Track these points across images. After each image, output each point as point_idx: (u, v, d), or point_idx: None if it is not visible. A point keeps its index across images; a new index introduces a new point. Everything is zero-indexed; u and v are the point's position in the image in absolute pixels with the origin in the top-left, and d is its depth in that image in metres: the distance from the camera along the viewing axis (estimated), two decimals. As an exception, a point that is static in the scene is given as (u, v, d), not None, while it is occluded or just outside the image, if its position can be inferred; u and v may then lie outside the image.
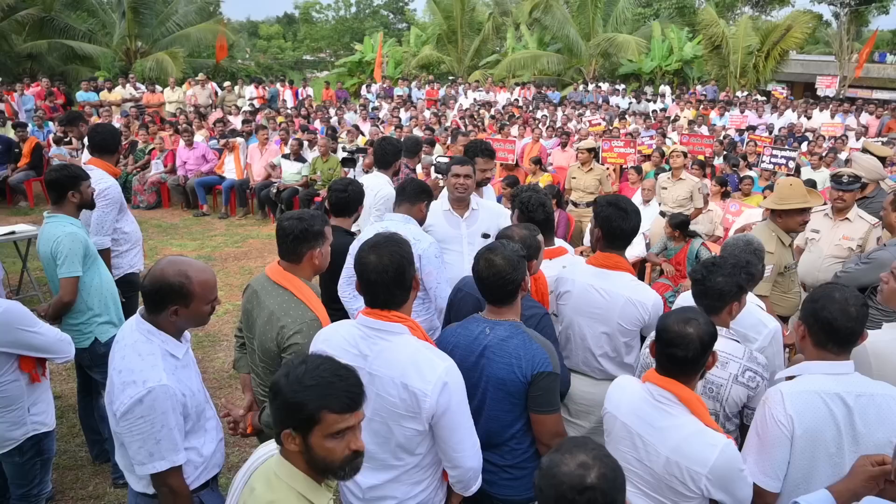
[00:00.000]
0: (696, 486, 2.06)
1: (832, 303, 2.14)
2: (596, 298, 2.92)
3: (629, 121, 14.13)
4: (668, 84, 23.18)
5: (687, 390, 2.12)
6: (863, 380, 2.15)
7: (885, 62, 29.47)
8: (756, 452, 2.18)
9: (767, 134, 13.15)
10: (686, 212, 6.91)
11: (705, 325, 2.09)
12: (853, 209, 4.48)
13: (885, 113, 15.67)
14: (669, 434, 2.09)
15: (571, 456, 1.47)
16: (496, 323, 2.39)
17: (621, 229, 2.88)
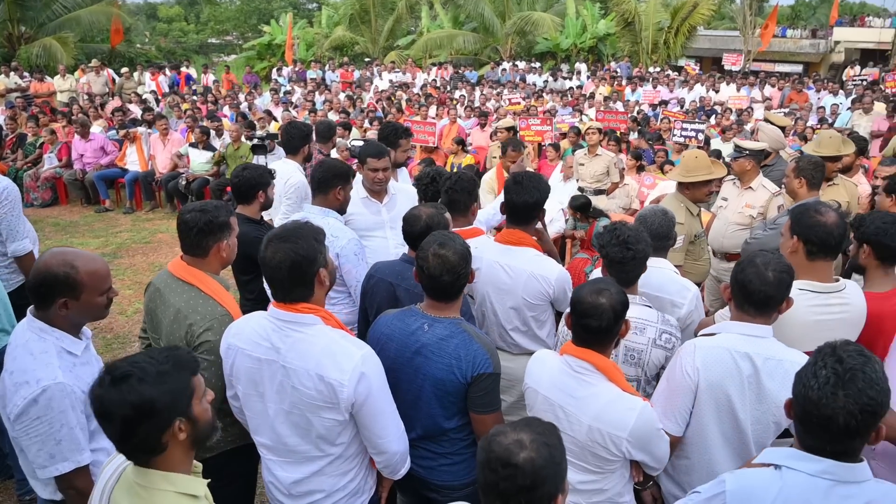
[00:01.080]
0: (617, 449, 2.15)
1: (751, 266, 2.26)
2: (501, 275, 2.99)
3: (547, 99, 14.41)
4: (583, 61, 23.77)
5: (603, 358, 2.20)
6: (777, 346, 2.27)
7: (786, 37, 31.34)
8: (663, 398, 2.34)
9: (679, 108, 13.74)
10: (603, 186, 7.16)
11: (617, 294, 2.17)
12: (757, 178, 4.73)
13: (787, 85, 16.66)
14: (590, 402, 2.17)
15: (515, 431, 1.51)
16: (436, 320, 2.36)
17: (517, 203, 2.95)
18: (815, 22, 35.18)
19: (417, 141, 9.29)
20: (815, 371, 1.59)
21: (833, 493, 1.58)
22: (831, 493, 1.58)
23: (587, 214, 6.30)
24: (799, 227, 2.65)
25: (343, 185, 3.47)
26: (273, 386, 2.16)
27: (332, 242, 3.27)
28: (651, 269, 2.87)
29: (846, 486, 1.59)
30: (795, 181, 4.16)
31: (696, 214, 4.18)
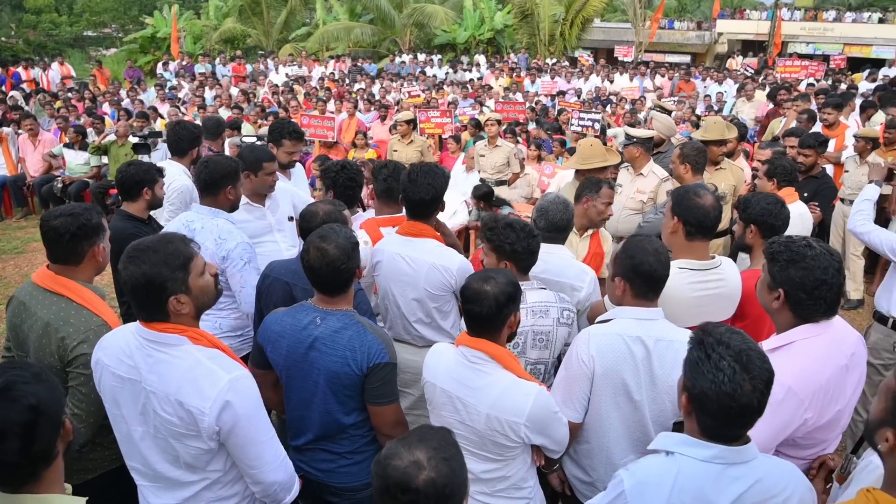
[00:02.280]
0: (516, 435, 2.20)
1: (648, 255, 2.34)
2: (403, 266, 3.00)
3: (447, 91, 14.53)
4: (482, 53, 24.15)
5: (496, 347, 2.23)
6: (667, 326, 2.38)
7: (674, 29, 33.15)
8: (562, 387, 2.41)
9: (576, 98, 14.25)
10: (504, 177, 7.32)
11: (504, 284, 2.19)
12: (648, 165, 4.98)
13: (676, 75, 17.65)
14: (486, 391, 2.20)
15: (409, 451, 1.46)
16: (327, 313, 2.34)
17: (413, 200, 2.99)
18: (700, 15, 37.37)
19: (316, 136, 9.13)
20: (716, 363, 1.64)
21: (724, 477, 1.67)
22: (723, 477, 1.67)
23: (490, 203, 6.44)
24: (679, 208, 2.80)
25: (233, 183, 3.34)
26: (136, 408, 2.04)
27: (220, 245, 3.19)
28: (551, 256, 2.99)
29: (736, 467, 1.68)
30: (681, 167, 4.43)
31: None
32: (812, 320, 2.15)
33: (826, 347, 2.14)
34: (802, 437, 2.17)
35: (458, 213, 6.62)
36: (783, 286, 2.15)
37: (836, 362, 2.14)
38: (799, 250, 2.14)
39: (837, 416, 2.21)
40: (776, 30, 23.01)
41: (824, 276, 2.09)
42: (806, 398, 2.08)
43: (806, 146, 5.47)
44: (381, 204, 3.43)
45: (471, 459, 2.30)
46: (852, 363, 2.20)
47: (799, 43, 30.15)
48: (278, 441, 2.14)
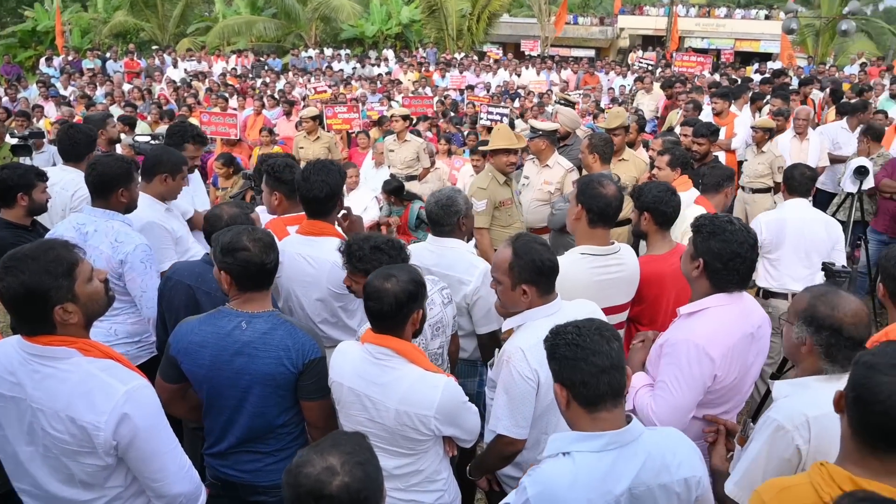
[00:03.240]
0: (427, 428, 2.21)
1: (542, 252, 2.38)
2: (304, 266, 2.96)
3: (356, 86, 14.41)
4: (391, 48, 24.10)
5: (402, 342, 2.24)
6: (570, 309, 2.44)
7: (578, 24, 34.25)
8: (507, 407, 2.35)
9: (486, 92, 14.46)
10: (414, 172, 7.33)
11: (405, 283, 2.20)
12: (553, 156, 5.14)
13: (580, 69, 18.25)
14: (394, 387, 2.21)
15: (322, 457, 1.42)
16: (252, 316, 2.31)
17: (308, 198, 2.97)
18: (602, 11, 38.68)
19: (217, 134, 8.83)
20: (569, 340, 1.76)
21: (620, 460, 1.73)
22: (618, 461, 1.73)
23: (401, 198, 6.44)
24: (583, 196, 2.91)
25: (126, 185, 3.19)
26: (22, 427, 1.92)
27: (117, 248, 3.06)
28: (445, 249, 3.05)
29: (628, 447, 1.75)
30: (590, 156, 4.63)
31: (502, 183, 4.55)
32: (726, 290, 2.37)
33: (736, 315, 2.38)
34: (712, 394, 2.38)
35: (369, 209, 6.59)
36: (703, 256, 2.36)
37: (744, 330, 2.38)
38: (720, 224, 2.37)
39: (742, 378, 2.43)
40: (673, 25, 24.18)
41: (740, 250, 2.32)
42: (717, 357, 2.30)
43: (699, 135, 5.78)
44: (289, 203, 3.36)
45: (383, 456, 2.28)
46: (758, 335, 2.45)
47: (694, 38, 31.83)
48: (182, 451, 2.07)
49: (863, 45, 24.03)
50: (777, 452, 1.88)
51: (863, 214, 6.00)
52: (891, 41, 23.76)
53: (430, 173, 7.52)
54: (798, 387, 2.00)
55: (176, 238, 3.54)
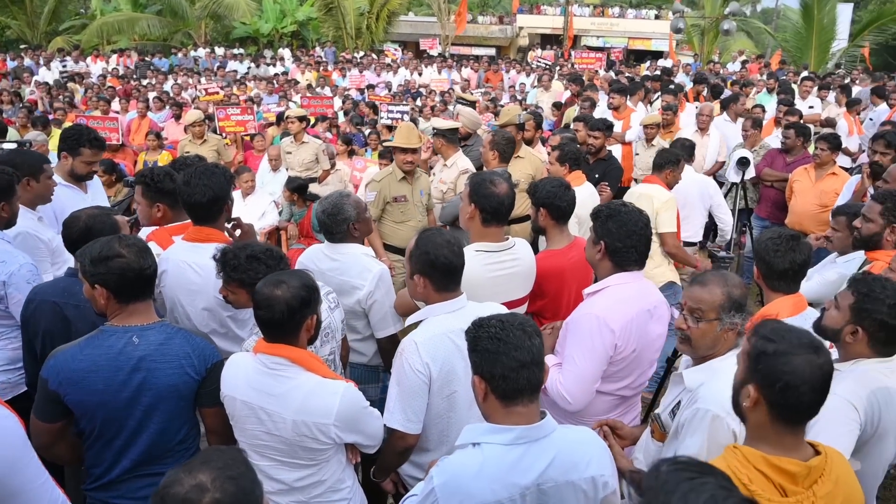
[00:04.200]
0: (327, 437, 2.17)
1: (442, 248, 2.39)
2: (190, 275, 2.85)
3: (251, 86, 14.02)
4: (287, 47, 23.60)
5: (296, 350, 2.19)
6: (475, 308, 2.45)
7: (478, 23, 34.83)
8: (398, 400, 2.37)
9: (387, 91, 14.43)
10: (314, 174, 7.21)
11: (297, 288, 2.15)
12: (454, 156, 5.18)
13: (481, 68, 18.56)
14: (290, 397, 2.15)
15: (190, 475, 1.36)
16: (143, 328, 2.23)
17: (190, 204, 2.88)
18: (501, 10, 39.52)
19: (96, 139, 8.33)
20: (492, 333, 1.78)
21: (528, 455, 1.76)
22: (526, 456, 1.76)
23: (304, 197, 6.31)
24: (476, 196, 2.96)
25: (7, 200, 2.99)
26: None
27: None
28: (340, 255, 3.04)
29: (538, 443, 1.78)
30: (490, 153, 4.72)
31: (400, 179, 4.61)
32: (626, 269, 2.58)
33: (634, 292, 2.60)
34: (615, 366, 2.54)
35: (267, 213, 6.42)
36: (603, 238, 2.58)
37: (642, 306, 2.59)
38: (616, 207, 2.64)
39: (641, 352, 2.59)
40: (569, 24, 25.05)
41: (634, 228, 2.56)
42: (616, 328, 2.47)
43: (595, 129, 6.03)
44: (175, 213, 3.21)
45: (282, 469, 2.25)
46: (656, 313, 2.64)
47: (590, 37, 33.11)
48: (53, 484, 1.92)
49: (743, 44, 25.84)
50: (717, 441, 1.95)
51: (747, 202, 6.44)
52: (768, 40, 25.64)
53: (331, 175, 7.42)
54: (707, 371, 2.12)
55: (51, 249, 3.33)
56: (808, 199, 5.53)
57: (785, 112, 7.61)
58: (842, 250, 3.74)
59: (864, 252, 3.52)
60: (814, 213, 5.43)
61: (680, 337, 2.20)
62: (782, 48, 21.62)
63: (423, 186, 4.86)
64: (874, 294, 2.19)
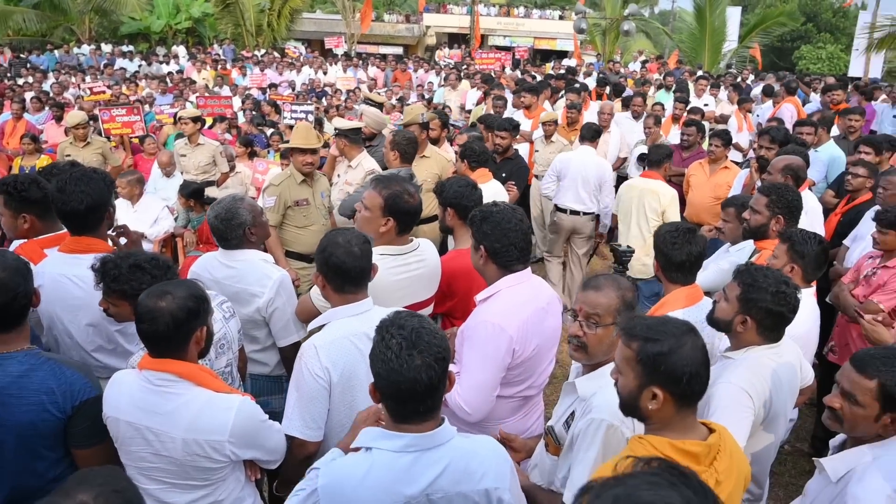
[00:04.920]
0: (221, 454, 2.08)
1: (338, 248, 2.36)
2: (71, 288, 2.67)
3: (142, 85, 13.38)
4: (181, 44, 22.71)
5: (185, 364, 2.09)
6: (379, 312, 2.36)
7: (385, 21, 34.74)
8: (297, 407, 2.31)
9: (291, 91, 14.14)
10: (212, 177, 6.95)
11: (183, 299, 2.06)
12: (359, 156, 5.10)
13: (388, 66, 18.51)
14: (179, 415, 2.05)
15: (69, 497, 1.29)
16: (3, 357, 2.09)
17: (65, 212, 2.72)
18: (407, 8, 39.57)
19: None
20: (387, 343, 1.72)
21: (418, 464, 1.72)
22: (416, 465, 1.72)
23: (202, 202, 6.04)
24: (393, 211, 2.89)
25: None
26: None
27: None
28: (236, 262, 2.94)
29: (431, 452, 1.74)
30: (391, 154, 4.67)
31: (300, 182, 4.49)
32: (512, 269, 2.58)
33: (527, 292, 2.60)
34: (514, 370, 2.53)
35: (161, 220, 6.12)
36: (482, 242, 2.58)
37: (536, 304, 2.59)
38: (487, 209, 2.64)
39: (540, 352, 2.59)
40: (475, 24, 25.41)
41: (509, 226, 2.55)
42: (513, 333, 2.45)
43: (502, 129, 6.13)
44: (44, 224, 2.99)
45: (174, 492, 2.15)
46: (550, 310, 2.65)
47: (497, 36, 33.74)
48: None
49: (643, 44, 27.04)
50: (612, 450, 1.98)
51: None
52: (666, 41, 26.97)
53: (230, 178, 7.17)
54: (600, 378, 2.13)
55: None
56: (704, 193, 5.84)
57: (689, 110, 8.01)
58: (733, 240, 3.96)
59: (754, 241, 3.74)
60: (709, 205, 5.72)
61: (575, 345, 2.18)
62: (679, 49, 22.78)
63: (324, 188, 4.76)
64: (758, 284, 2.32)
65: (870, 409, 1.96)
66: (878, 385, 1.93)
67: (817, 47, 37.29)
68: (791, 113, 8.68)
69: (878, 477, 1.90)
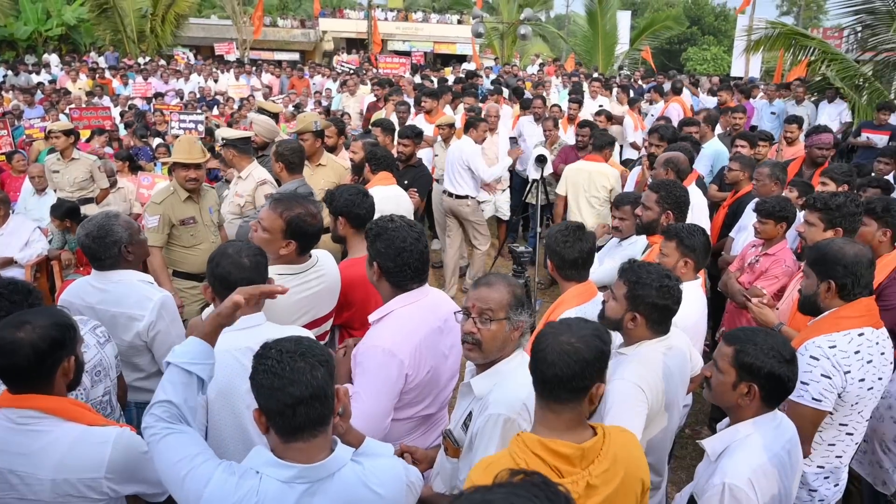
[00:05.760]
0: (98, 493, 1.97)
1: (226, 258, 2.30)
2: None
3: (9, 97, 12.51)
4: (54, 52, 21.40)
5: (51, 398, 1.96)
6: (272, 329, 2.35)
7: (279, 26, 34.11)
8: None
9: (178, 100, 13.60)
10: (89, 194, 6.58)
11: (45, 328, 1.94)
12: (249, 167, 4.95)
13: (283, 73, 18.14)
14: (47, 454, 1.92)
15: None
16: None
17: None
18: (302, 13, 39.03)
19: None
20: (266, 357, 1.69)
21: (306, 495, 1.66)
22: (304, 496, 1.66)
23: (79, 221, 5.67)
24: (296, 234, 2.84)
25: None
26: None
27: None
28: (110, 284, 2.81)
29: (320, 483, 1.68)
30: (276, 165, 4.54)
31: (185, 199, 4.30)
32: (406, 288, 2.51)
33: (421, 312, 2.51)
34: (409, 394, 2.48)
35: (33, 243, 5.71)
36: (375, 259, 2.51)
37: (431, 324, 2.52)
38: (382, 224, 2.54)
39: (436, 372, 2.55)
40: (374, 29, 25.35)
41: (404, 245, 2.46)
42: (405, 358, 2.39)
43: (403, 136, 6.13)
44: None
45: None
46: (446, 327, 2.57)
47: (396, 41, 33.85)
48: None
49: (540, 48, 27.85)
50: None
51: (548, 197, 6.90)
52: (562, 44, 27.93)
53: (112, 194, 6.82)
54: (494, 376, 2.17)
55: None
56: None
57: (597, 113, 8.33)
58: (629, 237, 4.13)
59: (647, 237, 3.91)
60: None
61: (469, 343, 2.17)
62: (575, 52, 23.63)
63: (212, 203, 4.55)
64: (643, 280, 2.41)
65: (727, 375, 2.11)
66: (735, 351, 2.08)
67: (702, 49, 39.80)
68: (678, 112, 9.17)
69: (747, 452, 2.05)
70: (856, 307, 2.61)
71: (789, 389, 2.11)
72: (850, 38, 12.24)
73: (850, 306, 2.61)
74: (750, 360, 2.05)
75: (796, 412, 2.44)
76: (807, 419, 2.48)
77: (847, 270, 2.58)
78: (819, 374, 2.49)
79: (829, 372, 2.49)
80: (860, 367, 2.53)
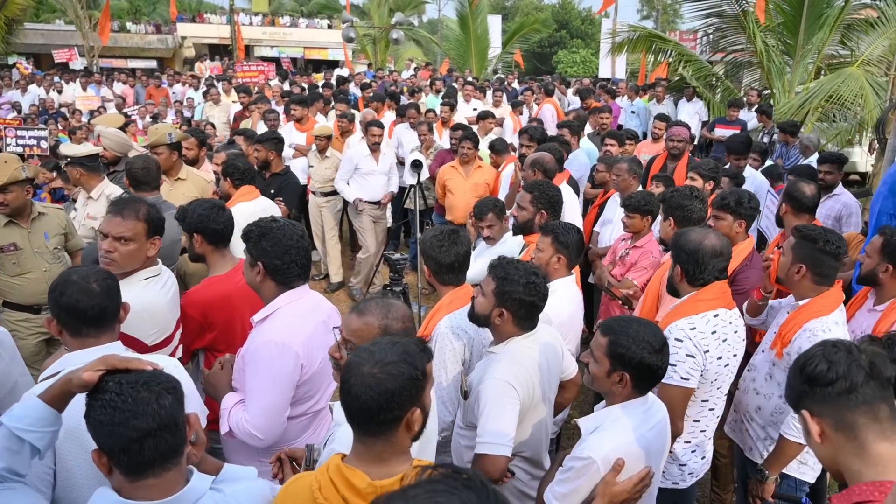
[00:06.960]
0: None
1: (71, 286, 2.16)
2: None
3: None
4: None
5: None
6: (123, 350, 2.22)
7: (131, 32, 32.48)
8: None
9: (16, 114, 12.64)
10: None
11: None
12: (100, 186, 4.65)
13: (138, 82, 17.27)
14: None
15: None
16: None
17: None
18: (157, 17, 37.41)
19: None
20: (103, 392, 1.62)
21: None
22: None
23: None
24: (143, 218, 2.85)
25: None
26: None
27: None
28: None
29: None
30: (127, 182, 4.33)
31: (5, 224, 4.00)
32: (291, 286, 2.63)
33: (308, 308, 2.67)
34: (303, 387, 2.60)
35: None
36: (260, 259, 2.59)
37: (317, 319, 2.68)
38: (266, 224, 2.65)
39: (325, 364, 2.59)
40: (237, 34, 24.68)
41: (290, 242, 2.60)
42: (299, 349, 2.52)
43: (258, 143, 6.05)
44: None
45: None
46: (331, 323, 2.66)
47: (263, 46, 33.15)
48: None
49: (414, 52, 28.19)
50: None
51: (426, 201, 7.00)
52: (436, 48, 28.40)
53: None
54: None
55: None
56: (465, 193, 6.24)
57: (480, 115, 8.50)
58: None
59: (523, 237, 4.06)
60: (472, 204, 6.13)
61: (334, 366, 2.16)
62: (448, 56, 24.09)
63: (49, 228, 4.17)
64: (510, 276, 2.52)
65: (602, 364, 2.25)
66: (608, 342, 2.23)
67: (572, 52, 41.80)
68: (551, 113, 9.61)
69: (612, 432, 2.20)
70: (710, 290, 2.86)
71: (659, 377, 2.27)
72: (704, 41, 13.27)
73: (705, 290, 2.87)
74: (622, 351, 2.18)
75: (667, 393, 2.64)
76: (678, 398, 2.69)
77: (690, 257, 2.86)
78: (684, 355, 2.70)
79: (692, 352, 2.71)
80: (717, 346, 2.77)
